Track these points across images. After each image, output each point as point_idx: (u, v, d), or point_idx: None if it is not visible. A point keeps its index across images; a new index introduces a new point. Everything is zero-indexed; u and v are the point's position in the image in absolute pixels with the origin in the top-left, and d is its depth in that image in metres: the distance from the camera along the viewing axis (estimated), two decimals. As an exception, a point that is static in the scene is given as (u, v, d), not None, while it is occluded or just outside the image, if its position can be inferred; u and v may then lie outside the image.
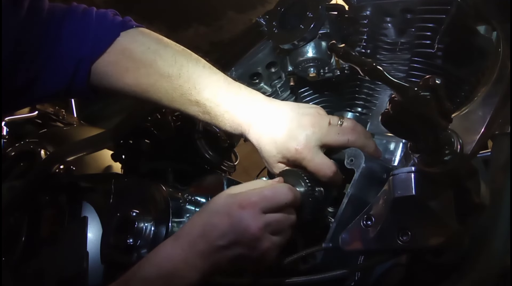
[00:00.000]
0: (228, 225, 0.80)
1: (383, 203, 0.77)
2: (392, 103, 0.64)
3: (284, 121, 0.94)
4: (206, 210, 0.86)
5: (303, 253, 0.87)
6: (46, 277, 1.18)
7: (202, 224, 0.83)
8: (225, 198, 0.85)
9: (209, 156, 1.28)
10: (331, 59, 1.06)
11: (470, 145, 0.73)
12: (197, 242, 0.81)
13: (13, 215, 1.31)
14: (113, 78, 1.02)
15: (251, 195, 0.83)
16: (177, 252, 0.81)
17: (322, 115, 0.95)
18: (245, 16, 2.48)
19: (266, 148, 0.95)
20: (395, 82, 0.64)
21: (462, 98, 1.00)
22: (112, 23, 1.03)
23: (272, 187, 0.87)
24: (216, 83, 0.98)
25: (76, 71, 1.01)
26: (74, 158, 1.41)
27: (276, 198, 0.84)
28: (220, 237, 0.80)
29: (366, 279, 0.90)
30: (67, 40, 1.00)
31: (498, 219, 0.76)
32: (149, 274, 0.80)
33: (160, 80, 0.99)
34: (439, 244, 0.73)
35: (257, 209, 0.82)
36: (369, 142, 0.94)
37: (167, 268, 0.80)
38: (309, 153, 0.91)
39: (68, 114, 2.04)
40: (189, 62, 1.00)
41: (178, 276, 0.79)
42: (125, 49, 1.01)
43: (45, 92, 1.03)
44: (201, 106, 0.98)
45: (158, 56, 1.00)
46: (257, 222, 0.81)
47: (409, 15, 0.99)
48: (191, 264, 0.80)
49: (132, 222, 1.08)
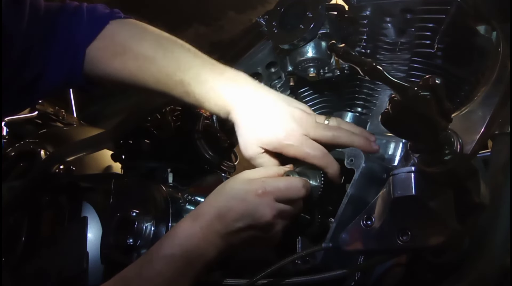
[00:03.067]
0: (244, 210, 0.86)
1: (383, 203, 0.77)
2: (392, 103, 0.64)
3: (273, 107, 0.95)
4: (222, 193, 0.90)
5: (303, 253, 0.87)
6: (46, 277, 1.18)
7: (218, 206, 0.87)
8: (242, 184, 0.89)
9: (209, 156, 1.27)
10: (331, 59, 1.06)
11: (470, 145, 0.73)
12: (214, 223, 0.86)
13: (13, 215, 1.31)
14: (102, 64, 1.05)
15: (267, 185, 0.88)
16: (196, 231, 0.86)
17: (310, 113, 0.98)
18: (245, 16, 2.48)
19: (248, 129, 0.95)
20: (395, 82, 0.64)
21: (462, 98, 1.00)
22: (102, 13, 1.09)
23: (287, 180, 0.90)
24: (201, 64, 1.00)
25: (74, 58, 1.05)
26: (74, 158, 1.40)
27: (290, 192, 0.89)
28: (237, 220, 0.86)
29: (366, 279, 0.90)
30: (62, 32, 1.06)
31: (498, 219, 0.76)
32: (171, 252, 0.85)
33: (145, 62, 1.02)
34: (439, 244, 0.73)
35: (272, 198, 0.87)
36: (356, 138, 0.94)
37: (187, 246, 0.85)
38: (298, 140, 0.92)
39: (68, 114, 2.03)
40: (174, 46, 1.03)
41: (199, 254, 0.85)
42: (114, 35, 1.06)
43: (49, 86, 1.07)
44: (185, 86, 0.99)
45: (144, 40, 1.04)
46: (272, 210, 0.86)
47: (409, 15, 0.99)
48: (210, 242, 0.85)
49: (132, 222, 1.08)
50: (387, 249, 0.78)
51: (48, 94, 1.27)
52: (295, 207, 0.91)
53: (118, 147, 1.37)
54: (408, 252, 0.84)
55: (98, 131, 1.47)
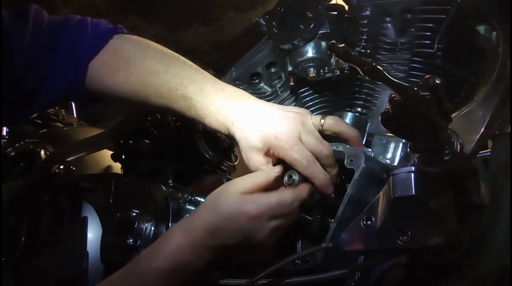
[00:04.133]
0: (237, 230, 0.87)
1: (383, 203, 0.77)
2: (392, 103, 0.64)
3: (268, 114, 0.95)
4: (214, 209, 0.89)
5: (303, 253, 0.87)
6: (46, 277, 1.18)
7: (210, 223, 0.88)
8: (235, 202, 0.88)
9: (209, 156, 1.28)
10: (331, 59, 1.06)
11: (470, 145, 0.73)
12: (205, 239, 0.87)
13: (13, 215, 1.31)
14: (105, 77, 1.06)
15: (259, 205, 0.87)
16: (187, 246, 0.87)
17: (306, 114, 0.97)
18: (245, 16, 2.48)
19: (248, 137, 0.94)
20: (395, 82, 0.64)
21: (462, 98, 1.00)
22: (106, 28, 1.10)
23: (279, 196, 0.89)
24: (203, 79, 1.01)
25: (75, 71, 1.06)
26: (74, 158, 1.41)
27: (282, 208, 0.88)
28: (229, 238, 0.87)
29: (366, 279, 0.90)
30: (66, 44, 1.07)
31: (498, 219, 0.76)
32: (162, 266, 0.87)
33: (148, 77, 1.02)
34: (439, 244, 0.73)
35: (265, 218, 0.87)
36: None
37: (178, 260, 0.87)
38: (288, 142, 0.91)
39: (68, 114, 2.03)
40: (176, 61, 1.04)
41: (189, 266, 0.87)
42: (117, 49, 1.07)
43: (49, 98, 1.08)
44: (187, 100, 0.99)
45: (147, 55, 1.05)
46: (265, 230, 0.87)
47: (409, 15, 0.99)
48: (201, 257, 0.88)
49: (132, 222, 1.08)
50: (387, 249, 0.78)
51: (47, 106, 1.29)
52: (290, 218, 0.90)
53: (118, 147, 1.37)
54: (408, 252, 0.83)
55: (98, 131, 1.47)
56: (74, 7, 2.52)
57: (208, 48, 2.43)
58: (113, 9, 1.08)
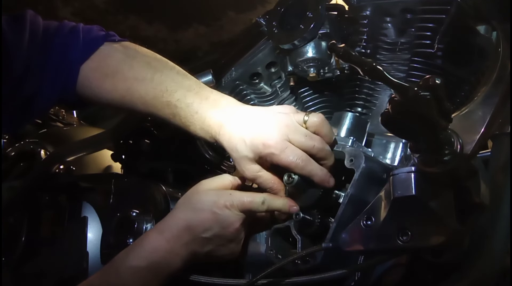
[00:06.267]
0: (214, 221, 0.90)
1: (383, 203, 0.77)
2: (392, 103, 0.64)
3: (252, 120, 0.94)
4: (189, 206, 0.93)
5: (303, 253, 0.87)
6: (46, 277, 1.18)
7: (187, 219, 0.91)
8: (210, 196, 0.92)
9: (209, 156, 1.28)
10: (331, 59, 1.06)
11: (470, 145, 0.73)
12: (182, 235, 0.89)
13: (13, 215, 1.31)
14: (93, 84, 1.07)
15: (234, 198, 0.92)
16: (162, 244, 0.89)
17: (288, 113, 0.95)
18: (245, 16, 2.48)
19: (237, 148, 0.93)
20: (395, 82, 0.64)
21: (462, 98, 1.00)
22: (97, 35, 1.11)
23: (251, 196, 0.93)
24: (188, 87, 1.01)
25: (67, 76, 1.08)
26: (74, 158, 1.41)
27: (252, 206, 0.92)
28: (206, 231, 0.90)
29: (366, 279, 0.90)
30: (58, 50, 1.08)
31: (498, 219, 0.76)
32: (137, 264, 0.88)
33: (134, 84, 1.03)
34: (439, 244, 0.73)
35: (238, 210, 0.92)
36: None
37: (153, 258, 0.88)
38: (277, 147, 0.90)
39: (68, 114, 2.03)
40: (164, 68, 1.04)
41: (165, 265, 0.89)
42: (106, 56, 1.08)
43: (45, 103, 1.10)
44: (171, 108, 0.99)
45: (135, 62, 1.06)
46: (240, 219, 0.92)
47: (409, 15, 0.99)
48: (176, 254, 0.89)
49: (132, 222, 1.08)
50: (387, 249, 0.78)
51: (44, 111, 1.32)
52: (261, 219, 0.96)
53: (118, 147, 1.37)
54: (408, 252, 0.83)
55: (98, 131, 1.47)
56: (74, 7, 2.51)
57: (208, 48, 2.43)
58: (113, 9, 1.08)
